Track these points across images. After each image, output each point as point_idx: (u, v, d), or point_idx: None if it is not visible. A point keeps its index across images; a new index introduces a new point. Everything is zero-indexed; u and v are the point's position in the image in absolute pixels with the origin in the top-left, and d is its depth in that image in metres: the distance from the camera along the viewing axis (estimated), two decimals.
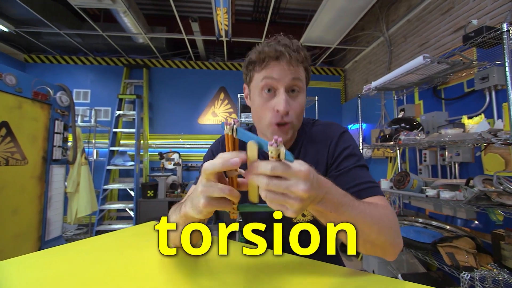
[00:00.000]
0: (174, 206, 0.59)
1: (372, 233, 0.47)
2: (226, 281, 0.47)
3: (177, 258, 0.57)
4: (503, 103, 1.11)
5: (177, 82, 3.89)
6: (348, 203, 0.44)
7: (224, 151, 0.76)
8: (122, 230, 0.80)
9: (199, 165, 3.76)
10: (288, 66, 0.56)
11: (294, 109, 0.58)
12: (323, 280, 0.48)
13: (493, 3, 1.89)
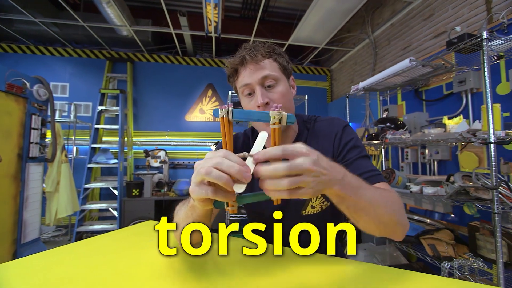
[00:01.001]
0: (181, 203, 0.60)
1: (385, 214, 0.49)
2: (232, 278, 0.47)
3: (181, 257, 0.57)
4: (481, 106, 1.20)
5: (163, 77, 3.78)
6: (364, 186, 0.46)
7: (233, 150, 0.77)
8: (121, 230, 0.78)
9: (186, 163, 3.69)
10: (253, 66, 0.62)
11: (273, 98, 0.62)
12: (329, 272, 0.50)
13: (470, 12, 2.03)
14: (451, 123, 1.52)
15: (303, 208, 0.71)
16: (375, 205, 0.47)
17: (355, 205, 0.45)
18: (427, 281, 0.45)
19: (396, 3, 2.80)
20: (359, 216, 0.48)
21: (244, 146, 0.78)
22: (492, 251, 1.30)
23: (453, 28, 1.48)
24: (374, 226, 0.49)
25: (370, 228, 0.50)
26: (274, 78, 0.62)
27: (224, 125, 0.39)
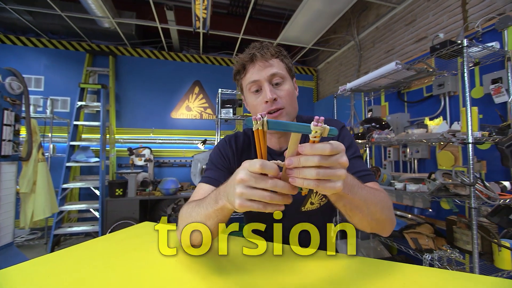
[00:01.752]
0: (190, 204, 0.58)
1: (377, 211, 0.53)
2: (241, 277, 0.47)
3: (188, 258, 0.56)
4: (461, 108, 1.30)
5: (148, 73, 3.65)
6: (358, 185, 0.49)
7: (234, 149, 0.76)
8: (119, 232, 0.75)
9: (172, 161, 3.61)
10: (262, 63, 0.64)
11: (281, 96, 0.64)
12: (330, 267, 0.52)
13: (448, 19, 2.16)
14: (432, 124, 1.62)
15: (302, 204, 0.72)
16: (369, 203, 0.50)
17: (351, 202, 0.48)
18: (422, 272, 0.49)
19: (380, 7, 2.91)
20: (354, 214, 0.51)
21: (245, 146, 0.78)
22: (467, 242, 1.41)
23: (436, 35, 1.57)
24: (366, 222, 0.53)
25: (363, 225, 0.54)
26: (281, 77, 0.64)
27: (259, 136, 0.39)
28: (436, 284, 0.45)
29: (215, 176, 0.71)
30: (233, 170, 0.75)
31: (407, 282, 0.45)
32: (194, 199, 0.65)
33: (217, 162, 0.75)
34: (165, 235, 0.71)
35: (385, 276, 0.48)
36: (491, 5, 1.83)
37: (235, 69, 0.70)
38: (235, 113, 2.40)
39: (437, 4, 2.25)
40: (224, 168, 0.75)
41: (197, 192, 0.70)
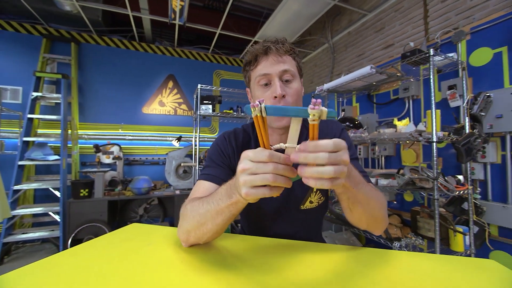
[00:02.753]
0: (195, 202, 0.57)
1: (376, 209, 0.57)
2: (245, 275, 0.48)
3: (188, 257, 0.55)
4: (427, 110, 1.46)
5: (116, 63, 3.38)
6: (363, 181, 0.52)
7: (235, 147, 0.75)
8: (106, 236, 0.69)
9: (143, 159, 3.41)
10: (276, 57, 0.64)
11: (289, 93, 0.64)
12: (328, 258, 0.55)
13: (412, 29, 2.38)
14: (400, 124, 1.78)
15: (302, 203, 0.75)
16: (370, 199, 0.54)
17: (354, 196, 0.51)
18: (407, 257, 0.55)
19: (353, 13, 3.09)
20: (355, 208, 0.53)
21: (245, 143, 0.77)
22: (428, 230, 1.59)
23: (408, 43, 1.73)
24: (365, 218, 0.56)
25: (361, 220, 0.57)
26: (292, 74, 0.65)
27: (258, 123, 0.39)
28: (430, 266, 0.51)
29: (216, 173, 0.70)
30: (233, 167, 0.75)
31: (405, 266, 0.50)
32: (195, 196, 0.64)
33: (217, 159, 0.74)
34: (161, 236, 0.68)
35: (385, 263, 0.52)
36: (448, 20, 2.07)
37: (247, 59, 0.68)
38: (214, 110, 2.36)
39: (403, 15, 2.47)
40: (224, 165, 0.73)
41: (197, 190, 0.67)
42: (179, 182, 3.22)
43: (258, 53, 0.65)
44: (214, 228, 0.53)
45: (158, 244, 0.62)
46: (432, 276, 0.47)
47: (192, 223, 0.55)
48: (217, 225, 0.52)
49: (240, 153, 0.75)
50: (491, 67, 1.71)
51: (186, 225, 0.57)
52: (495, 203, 1.63)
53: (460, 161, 1.47)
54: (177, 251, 0.57)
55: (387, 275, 0.48)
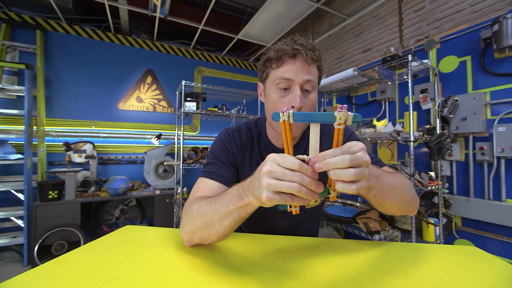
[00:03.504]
0: (202, 202, 0.55)
1: (404, 195, 0.57)
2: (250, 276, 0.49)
3: (192, 258, 0.54)
4: (405, 112, 1.58)
5: (89, 55, 3.14)
6: (382, 174, 0.52)
7: (239, 144, 0.74)
8: (99, 240, 0.64)
9: (119, 157, 3.23)
10: (303, 64, 0.59)
11: (306, 105, 0.62)
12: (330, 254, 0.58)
13: (389, 36, 2.54)
14: (379, 125, 1.90)
15: None
16: (396, 188, 0.54)
17: (380, 192, 0.51)
18: (395, 246, 0.60)
19: (333, 17, 3.21)
20: (384, 201, 0.54)
21: (248, 140, 0.76)
22: (404, 222, 1.71)
23: (388, 49, 1.84)
24: (397, 206, 0.56)
25: (393, 209, 0.57)
26: (313, 86, 0.62)
27: (285, 128, 0.40)
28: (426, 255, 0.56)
29: (221, 172, 0.68)
30: (237, 164, 0.74)
31: (397, 255, 0.55)
32: (200, 195, 0.62)
33: (221, 157, 0.72)
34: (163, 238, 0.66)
35: (387, 254, 0.56)
36: (420, 29, 2.24)
37: (270, 56, 0.63)
38: (198, 107, 2.30)
39: (380, 21, 2.62)
40: (229, 164, 0.72)
41: (201, 188, 0.65)
42: (159, 182, 3.10)
43: (285, 53, 0.60)
44: (220, 230, 0.51)
45: (160, 246, 0.60)
46: (433, 265, 0.52)
47: (198, 223, 0.53)
48: (224, 227, 0.50)
49: (243, 150, 0.75)
50: (457, 74, 1.89)
51: (191, 225, 0.55)
52: (460, 197, 1.81)
53: (432, 159, 1.61)
54: (182, 252, 0.56)
55: (392, 265, 0.51)
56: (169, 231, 0.71)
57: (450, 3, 2.03)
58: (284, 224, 0.78)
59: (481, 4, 1.84)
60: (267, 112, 0.69)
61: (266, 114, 0.72)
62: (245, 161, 0.74)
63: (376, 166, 0.54)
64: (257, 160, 0.74)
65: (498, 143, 1.60)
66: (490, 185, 1.67)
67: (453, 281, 0.45)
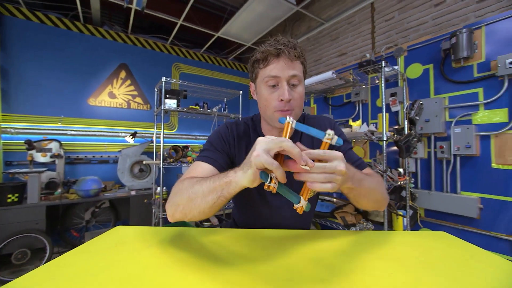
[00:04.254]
0: (192, 180, 0.59)
1: (378, 195, 0.67)
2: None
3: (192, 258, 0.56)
4: (378, 113, 1.72)
5: (55, 46, 2.88)
6: (363, 177, 0.61)
7: (235, 136, 0.77)
8: (90, 243, 0.62)
9: (90, 157, 3.02)
10: (287, 61, 0.65)
11: (295, 98, 0.67)
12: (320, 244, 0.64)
13: (362, 42, 2.72)
14: (355, 125, 2.03)
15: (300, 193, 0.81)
16: (372, 190, 0.64)
17: (359, 193, 0.61)
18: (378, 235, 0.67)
19: (311, 21, 3.33)
20: (361, 200, 0.64)
21: (245, 133, 0.81)
22: (377, 215, 1.86)
23: (364, 54, 1.97)
24: (370, 205, 0.67)
25: (367, 206, 0.68)
26: (299, 79, 0.67)
27: (286, 130, 0.50)
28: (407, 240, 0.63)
29: (215, 157, 0.73)
30: (232, 155, 0.78)
31: (382, 243, 0.61)
32: (191, 176, 0.65)
33: (217, 145, 0.76)
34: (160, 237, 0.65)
35: (374, 243, 0.63)
36: (390, 37, 2.44)
37: (256, 57, 0.68)
38: (178, 105, 2.24)
39: (354, 28, 2.79)
40: (223, 152, 0.76)
41: (194, 169, 0.69)
42: (134, 182, 2.96)
43: (269, 54, 0.65)
44: (202, 205, 0.54)
45: (159, 246, 0.59)
46: (410, 248, 0.59)
47: (183, 197, 0.57)
48: (207, 202, 0.53)
49: (239, 142, 0.79)
50: (421, 80, 2.09)
51: (177, 199, 0.59)
52: (423, 190, 2.02)
53: (401, 157, 1.77)
54: (183, 251, 0.56)
55: (383, 252, 0.58)
56: (164, 230, 0.70)
57: (415, 15, 2.24)
58: (279, 217, 0.81)
59: (441, 19, 2.06)
60: (260, 108, 0.74)
61: (259, 110, 0.76)
62: (241, 152, 0.79)
63: (360, 172, 0.62)
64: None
65: (454, 142, 1.81)
66: (448, 180, 1.89)
67: (429, 260, 0.52)
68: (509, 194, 1.62)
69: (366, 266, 0.49)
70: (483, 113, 1.75)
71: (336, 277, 0.45)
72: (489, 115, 1.72)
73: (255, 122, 0.84)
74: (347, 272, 0.47)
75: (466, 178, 1.81)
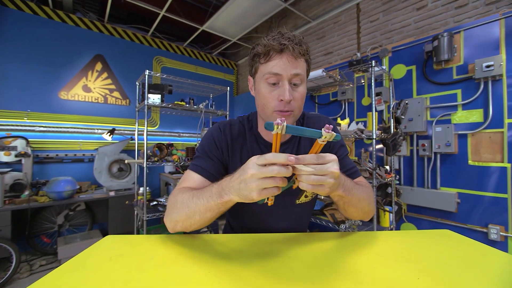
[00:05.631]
0: (185, 194, 0.60)
1: (366, 205, 0.68)
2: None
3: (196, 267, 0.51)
4: (368, 112, 1.76)
5: (20, 32, 2.59)
6: (354, 186, 0.62)
7: (229, 139, 0.73)
8: (79, 256, 0.54)
9: (62, 155, 2.77)
10: (291, 58, 0.60)
11: (296, 98, 0.63)
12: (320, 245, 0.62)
13: (348, 42, 2.77)
14: (343, 123, 2.06)
15: (297, 198, 0.78)
16: (361, 200, 0.65)
17: (349, 201, 0.62)
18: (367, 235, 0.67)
19: (298, 18, 3.33)
20: (349, 209, 0.65)
21: (240, 135, 0.76)
22: None
23: (354, 54, 2.00)
24: (356, 214, 0.68)
25: (354, 215, 0.69)
26: (301, 79, 0.62)
27: (276, 138, 0.46)
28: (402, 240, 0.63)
29: (205, 166, 0.71)
30: (226, 160, 0.74)
31: (383, 243, 0.61)
32: (183, 186, 0.67)
33: (209, 151, 0.73)
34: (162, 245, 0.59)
35: (368, 244, 0.62)
36: (375, 38, 2.51)
37: (257, 51, 0.62)
38: (163, 100, 2.12)
39: (340, 27, 2.84)
40: (216, 159, 0.73)
41: (186, 180, 0.70)
42: (113, 182, 2.78)
43: (272, 49, 0.60)
44: (202, 221, 0.58)
45: (162, 257, 0.53)
46: (419, 248, 0.59)
47: (181, 214, 0.59)
48: (205, 218, 0.57)
49: (233, 144, 0.75)
50: (405, 80, 2.18)
51: (175, 215, 0.60)
52: (406, 187, 2.11)
53: (388, 154, 1.83)
54: (188, 262, 0.51)
55: (377, 253, 0.57)
56: (160, 238, 0.64)
57: (399, 18, 2.32)
58: (277, 221, 0.79)
59: (423, 22, 2.15)
60: (258, 106, 0.69)
61: (257, 108, 0.72)
62: (236, 154, 0.75)
63: (351, 180, 0.62)
64: (248, 153, 0.75)
65: (436, 140, 1.91)
66: (429, 176, 1.99)
67: (442, 260, 0.52)
68: (483, 189, 1.74)
69: (383, 270, 0.48)
70: (461, 113, 1.85)
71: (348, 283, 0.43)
72: (466, 115, 1.83)
73: (251, 122, 0.79)
74: (359, 275, 0.45)
75: (445, 175, 1.92)
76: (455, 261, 0.52)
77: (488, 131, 1.73)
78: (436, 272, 0.47)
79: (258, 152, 0.74)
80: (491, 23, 1.73)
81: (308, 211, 0.86)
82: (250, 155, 0.75)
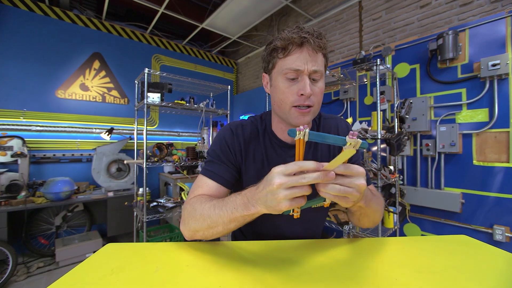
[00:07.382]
0: (204, 204, 0.58)
1: (378, 216, 0.69)
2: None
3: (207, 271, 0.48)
4: (372, 111, 1.74)
5: (16, 29, 2.53)
6: (371, 198, 0.62)
7: (242, 141, 0.69)
8: (81, 265, 0.51)
9: (59, 155, 2.72)
10: (311, 53, 0.58)
11: (315, 93, 0.61)
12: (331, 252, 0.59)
13: (349, 40, 2.74)
14: None
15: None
16: (375, 211, 0.65)
17: (365, 213, 0.62)
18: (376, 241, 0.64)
19: (298, 16, 3.29)
20: (363, 219, 0.65)
21: (252, 136, 0.73)
22: None
23: (357, 52, 1.96)
24: (368, 224, 0.68)
25: (365, 225, 0.69)
26: (321, 74, 0.61)
27: (299, 145, 0.44)
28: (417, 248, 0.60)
29: (219, 172, 0.69)
30: (239, 163, 0.70)
31: (394, 250, 0.58)
32: (200, 194, 0.65)
33: (222, 155, 0.70)
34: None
35: (379, 250, 0.59)
36: (377, 36, 2.48)
37: (276, 45, 0.60)
38: (163, 99, 2.08)
39: (342, 26, 2.80)
40: (229, 163, 0.70)
41: (200, 187, 0.67)
42: (112, 182, 2.73)
43: (292, 42, 0.58)
44: (225, 231, 0.56)
45: (168, 269, 0.49)
46: (432, 255, 0.56)
47: (202, 224, 0.57)
48: (229, 228, 0.55)
49: (247, 146, 0.72)
50: (408, 79, 2.15)
51: (194, 225, 0.59)
52: (409, 187, 2.08)
53: (392, 154, 1.81)
54: (201, 275, 0.48)
55: (390, 260, 0.54)
56: (165, 246, 0.60)
57: (402, 16, 2.28)
58: (292, 226, 0.75)
59: (426, 20, 2.13)
60: (275, 103, 0.66)
61: (272, 105, 0.69)
62: (249, 157, 0.72)
63: (370, 192, 0.63)
64: (262, 155, 0.73)
65: (440, 140, 1.89)
66: (432, 176, 1.97)
67: (462, 267, 0.49)
68: (488, 189, 1.73)
69: (405, 282, 0.45)
70: (466, 113, 1.83)
71: None
72: (471, 114, 1.81)
73: (265, 121, 0.75)
74: (377, 284, 0.42)
75: (449, 175, 1.90)
76: (481, 272, 0.49)
77: (494, 131, 1.71)
78: (462, 285, 0.44)
79: (272, 153, 0.72)
80: (497, 21, 1.70)
81: (323, 216, 0.83)
82: (265, 156, 0.72)
